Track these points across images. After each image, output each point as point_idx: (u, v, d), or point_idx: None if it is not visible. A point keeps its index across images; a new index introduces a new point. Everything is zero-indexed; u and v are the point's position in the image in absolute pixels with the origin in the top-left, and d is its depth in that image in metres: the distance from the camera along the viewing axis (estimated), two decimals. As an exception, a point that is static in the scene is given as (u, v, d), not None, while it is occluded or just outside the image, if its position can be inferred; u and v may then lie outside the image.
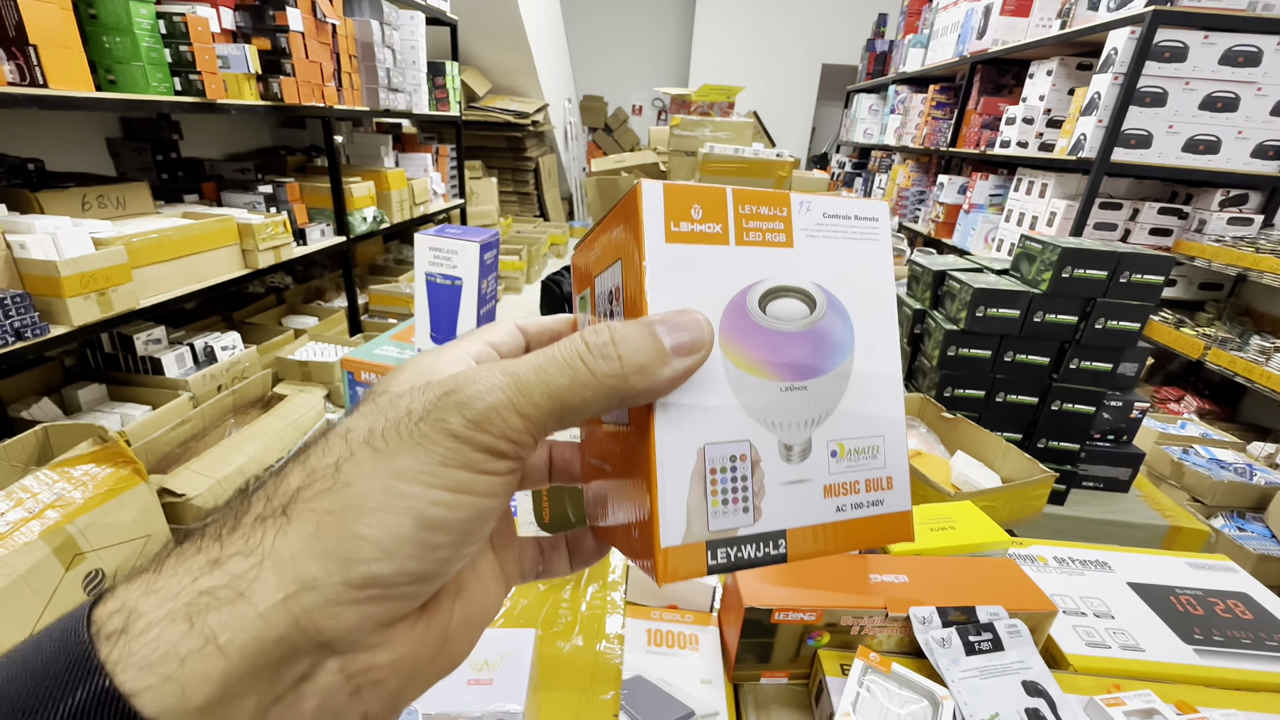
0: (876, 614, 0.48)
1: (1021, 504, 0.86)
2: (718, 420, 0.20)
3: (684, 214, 0.21)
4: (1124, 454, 1.26)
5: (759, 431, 0.21)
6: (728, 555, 0.20)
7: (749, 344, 0.21)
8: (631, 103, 7.22)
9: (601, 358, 0.18)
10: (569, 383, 0.18)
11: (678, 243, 0.21)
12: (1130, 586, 0.59)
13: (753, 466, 0.21)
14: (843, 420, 0.22)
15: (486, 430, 0.17)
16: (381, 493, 0.16)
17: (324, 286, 2.83)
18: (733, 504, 0.21)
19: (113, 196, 1.70)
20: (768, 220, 0.22)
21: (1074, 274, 1.08)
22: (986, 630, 0.47)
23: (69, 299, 1.36)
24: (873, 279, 0.23)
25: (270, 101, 1.94)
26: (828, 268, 0.23)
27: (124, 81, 1.53)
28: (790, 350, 0.22)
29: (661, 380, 0.19)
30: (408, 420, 0.17)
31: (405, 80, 2.77)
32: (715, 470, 0.20)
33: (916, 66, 3.99)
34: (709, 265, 0.21)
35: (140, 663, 0.14)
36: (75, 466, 1.32)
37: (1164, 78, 2.12)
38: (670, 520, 0.20)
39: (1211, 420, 2.29)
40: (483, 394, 0.17)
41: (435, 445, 0.16)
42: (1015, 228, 2.80)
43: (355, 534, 0.16)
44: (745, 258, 0.22)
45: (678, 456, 0.20)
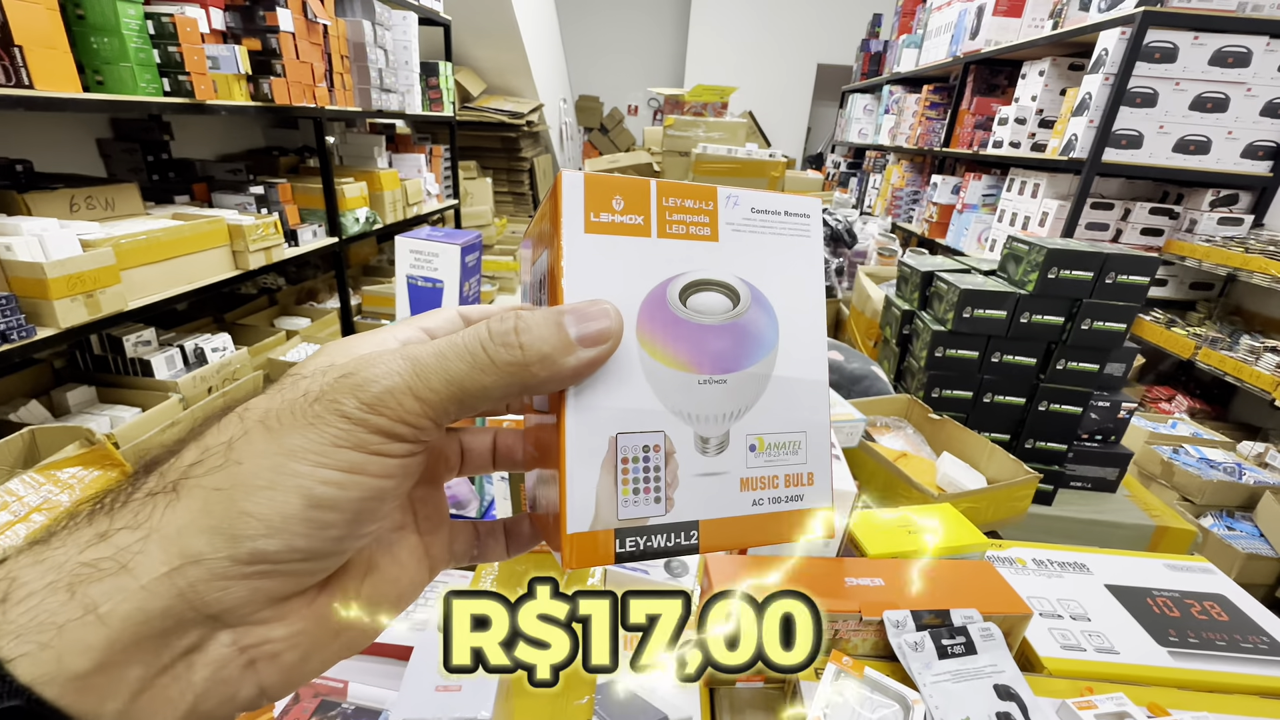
0: (851, 617, 0.48)
1: (1006, 505, 0.86)
2: (631, 410, 0.20)
3: (604, 205, 0.21)
4: (1111, 454, 1.26)
5: (674, 423, 0.21)
6: (637, 544, 0.20)
7: (667, 336, 0.21)
8: (627, 103, 7.22)
9: (503, 345, 0.18)
10: (468, 369, 0.18)
11: (597, 233, 0.21)
12: (1108, 589, 0.59)
13: (666, 457, 0.21)
14: (763, 415, 0.22)
15: (381, 413, 0.17)
16: (271, 470, 0.16)
17: (317, 287, 2.82)
18: (644, 493, 0.21)
19: (102, 198, 1.69)
20: (692, 214, 0.22)
21: (1060, 275, 1.08)
22: (960, 634, 0.47)
23: (56, 301, 1.36)
24: (801, 276, 0.23)
25: (261, 102, 1.94)
26: (753, 263, 0.22)
27: (112, 82, 1.52)
28: (709, 343, 0.21)
29: (565, 370, 0.19)
30: (303, 400, 0.17)
31: (398, 81, 2.76)
32: (627, 460, 0.20)
33: (911, 67, 3.99)
34: (629, 256, 0.21)
35: (17, 630, 0.14)
36: (62, 469, 1.31)
37: (1154, 78, 2.13)
38: (578, 506, 0.20)
39: (1202, 420, 2.30)
40: (379, 377, 0.17)
41: (328, 426, 0.16)
42: (1008, 228, 2.80)
43: (242, 510, 0.16)
44: (667, 250, 0.21)
45: (588, 444, 0.20)
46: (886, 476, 0.88)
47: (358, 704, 0.58)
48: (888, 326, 1.38)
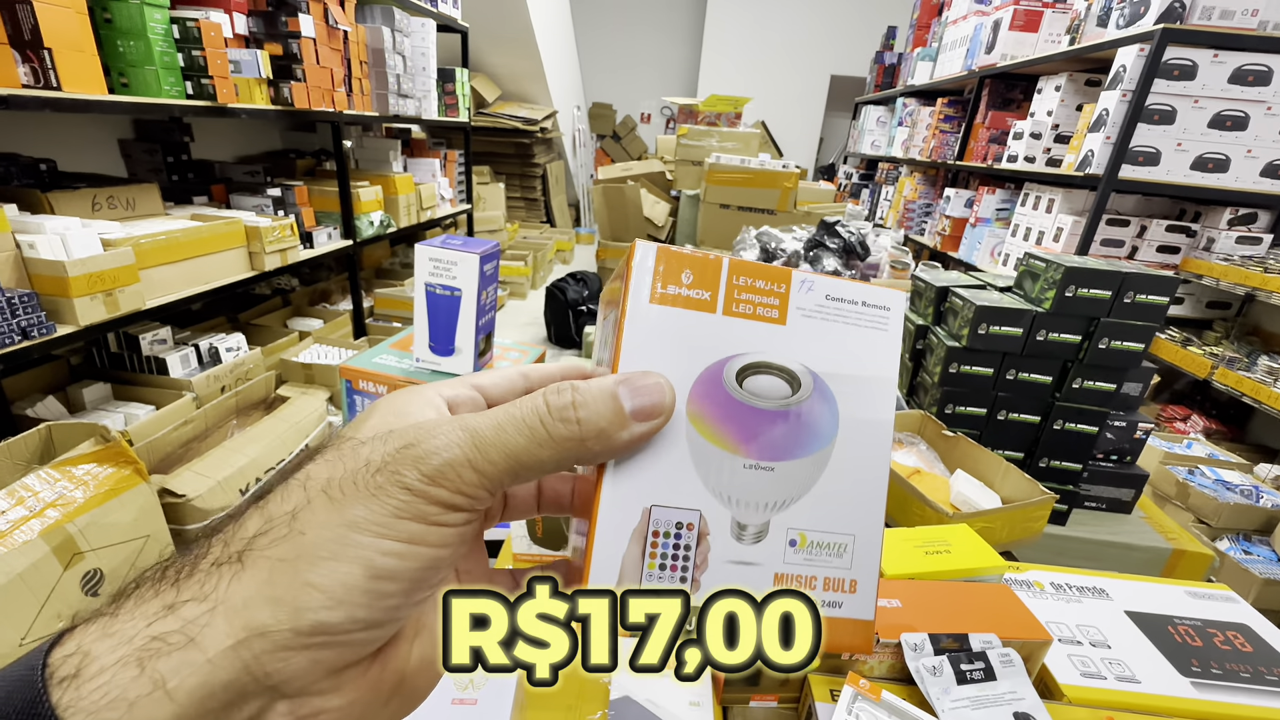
0: (868, 639, 0.48)
1: (1021, 525, 0.85)
2: (669, 484, 0.20)
3: (674, 277, 0.21)
4: (1127, 475, 1.25)
5: (712, 504, 0.20)
6: None
7: (718, 415, 0.21)
8: (640, 111, 7.26)
9: (560, 420, 0.18)
10: (526, 443, 0.18)
11: (663, 304, 0.21)
12: (1128, 615, 0.58)
13: (699, 537, 0.20)
14: (809, 511, 0.21)
15: (441, 485, 0.17)
16: (334, 542, 0.16)
17: (330, 289, 2.84)
18: (670, 570, 0.20)
19: (123, 197, 1.71)
20: (762, 294, 0.22)
21: (1077, 293, 1.07)
22: (979, 659, 0.46)
23: (76, 299, 1.38)
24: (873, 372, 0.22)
25: (280, 106, 1.96)
26: (822, 352, 0.22)
27: (136, 85, 1.55)
28: (761, 427, 0.21)
29: (618, 444, 0.19)
30: (365, 471, 0.17)
31: (415, 86, 2.79)
32: (658, 534, 0.20)
33: (925, 79, 3.99)
34: (691, 331, 0.21)
35: (89, 707, 0.14)
36: (77, 465, 1.32)
37: (1173, 95, 2.11)
38: (601, 571, 0.20)
39: (1218, 440, 2.27)
40: (440, 450, 0.17)
41: (390, 497, 0.17)
42: (1022, 242, 2.79)
43: (306, 582, 0.16)
44: (731, 328, 0.21)
45: (621, 511, 0.20)
46: (900, 494, 0.87)
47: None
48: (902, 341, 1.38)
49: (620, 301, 0.21)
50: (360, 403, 0.75)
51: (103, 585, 1.28)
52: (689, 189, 3.03)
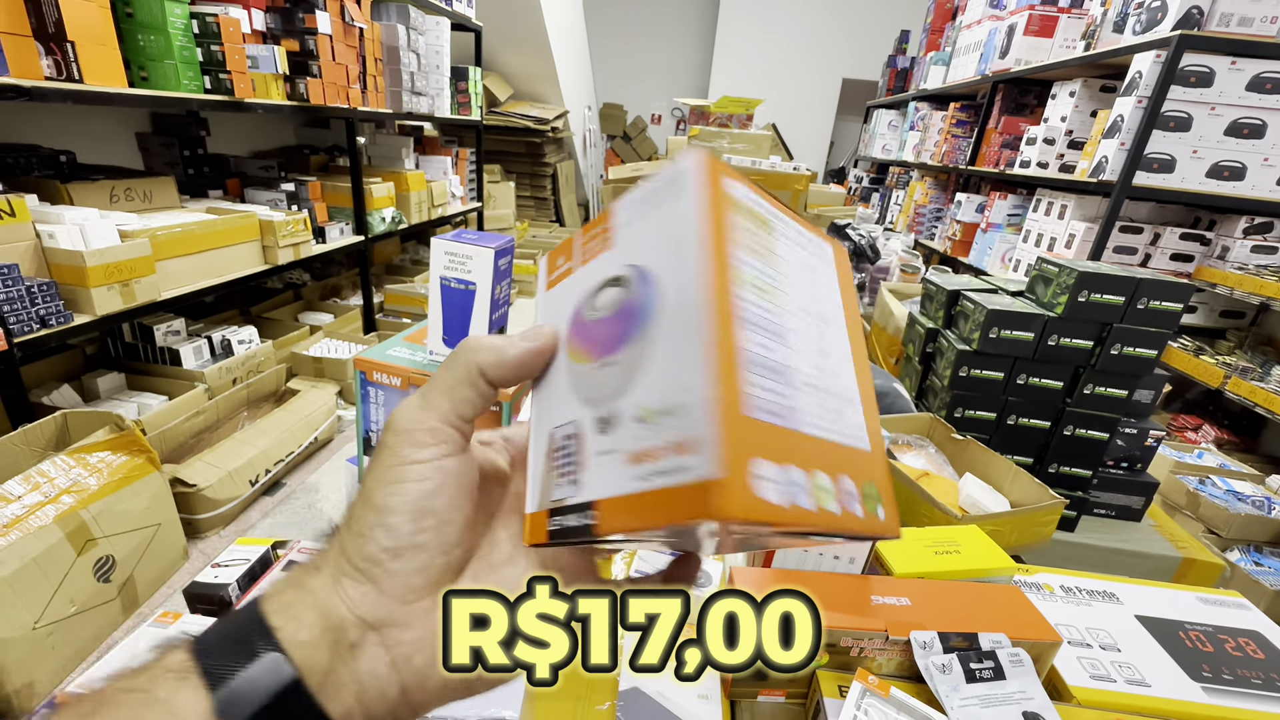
0: (877, 636, 0.48)
1: (1030, 530, 0.85)
2: (558, 407, 0.24)
3: (554, 265, 0.28)
4: (1137, 482, 1.24)
5: (581, 410, 0.23)
6: (559, 523, 0.22)
7: (579, 337, 0.24)
8: (651, 112, 7.27)
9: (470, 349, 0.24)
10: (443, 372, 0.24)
11: (551, 287, 0.28)
12: (1138, 619, 0.58)
13: (580, 442, 0.23)
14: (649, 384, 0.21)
15: (399, 431, 0.23)
16: (363, 503, 0.23)
17: (341, 284, 2.86)
18: (564, 476, 0.23)
19: (140, 190, 1.73)
20: (597, 237, 0.26)
21: (1090, 298, 1.07)
22: (988, 658, 0.46)
23: (93, 289, 1.39)
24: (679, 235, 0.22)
25: (296, 101, 1.98)
26: (637, 246, 0.24)
27: (156, 79, 1.57)
28: (601, 331, 0.23)
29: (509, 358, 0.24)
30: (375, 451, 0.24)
31: (428, 84, 2.81)
32: (557, 449, 0.24)
33: (938, 84, 3.98)
34: (567, 293, 0.26)
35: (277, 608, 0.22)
36: (92, 453, 1.34)
37: (1189, 102, 2.10)
38: (532, 490, 0.24)
39: (1230, 451, 2.25)
40: (402, 410, 0.23)
41: (378, 461, 0.23)
42: (1033, 248, 2.77)
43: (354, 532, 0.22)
44: (586, 274, 0.25)
45: (539, 439, 0.25)
46: (908, 495, 0.87)
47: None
48: (911, 344, 1.37)
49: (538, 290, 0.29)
50: (374, 394, 0.76)
51: (114, 572, 1.29)
52: (699, 190, 3.02)
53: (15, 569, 1.11)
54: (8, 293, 1.24)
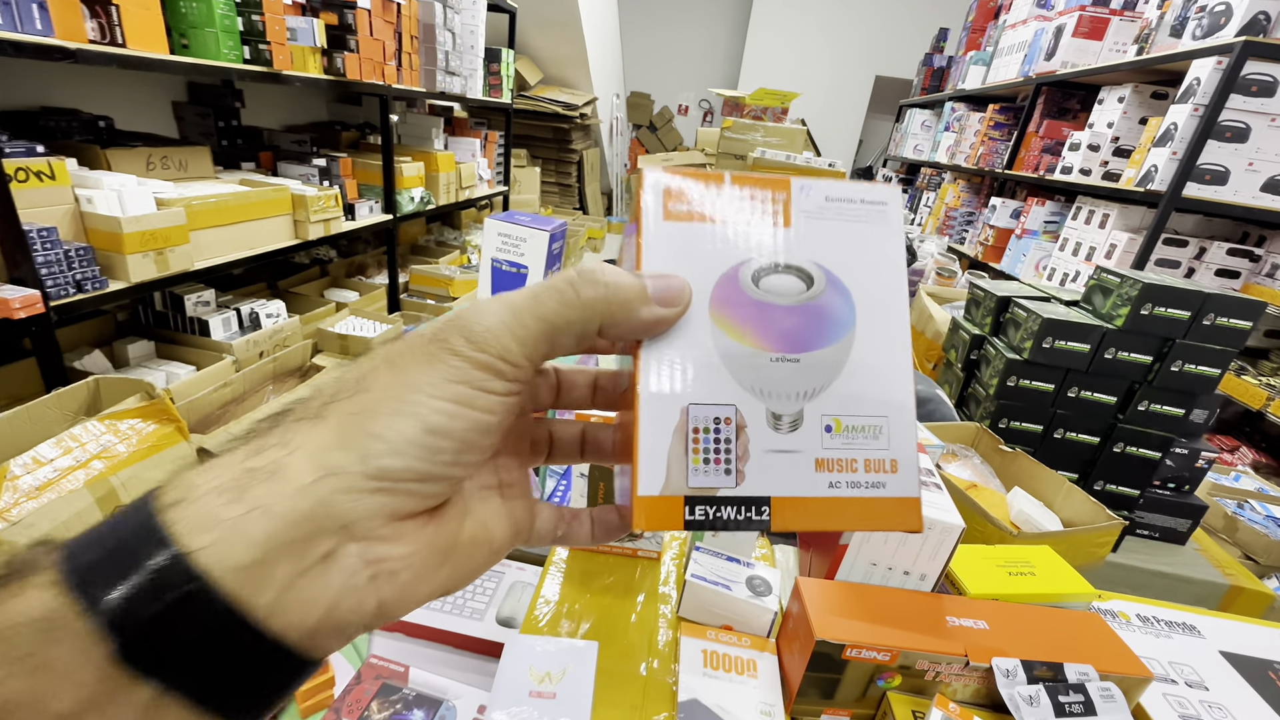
0: (956, 661, 0.45)
1: (1085, 550, 0.81)
2: (703, 382, 0.21)
3: (680, 196, 0.23)
4: (1185, 504, 1.20)
5: (745, 398, 0.22)
6: (706, 513, 0.21)
7: (739, 314, 0.22)
8: (678, 103, 7.19)
9: (588, 283, 0.20)
10: (557, 305, 0.20)
11: (675, 220, 0.22)
12: (1223, 656, 0.54)
13: (737, 430, 0.21)
14: (840, 398, 0.22)
15: (484, 350, 0.19)
16: (394, 400, 0.18)
17: (366, 263, 2.86)
18: (714, 464, 0.21)
19: (176, 158, 1.73)
20: (765, 202, 0.23)
21: (1153, 312, 1.03)
22: (1077, 691, 0.43)
23: (129, 256, 1.39)
24: (879, 262, 0.23)
25: (333, 76, 1.96)
26: (829, 248, 0.23)
27: (196, 46, 1.55)
28: (782, 323, 0.22)
29: (638, 319, 0.21)
30: (420, 340, 0.19)
31: (462, 64, 2.78)
32: (698, 430, 0.21)
33: (977, 84, 3.88)
34: (703, 242, 0.22)
35: (194, 526, 0.16)
36: (122, 420, 1.34)
37: (1248, 112, 2.02)
38: (649, 470, 0.21)
39: (1267, 474, 2.18)
40: (482, 316, 0.19)
41: (440, 363, 0.19)
42: (1071, 257, 2.70)
43: (371, 432, 0.18)
44: (743, 234, 0.23)
45: (661, 412, 0.21)
46: (959, 506, 0.84)
47: (419, 690, 0.57)
48: (953, 350, 1.34)
49: (636, 225, 0.22)
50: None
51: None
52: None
53: (46, 531, 1.11)
54: (46, 255, 1.23)
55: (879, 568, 0.52)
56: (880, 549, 0.51)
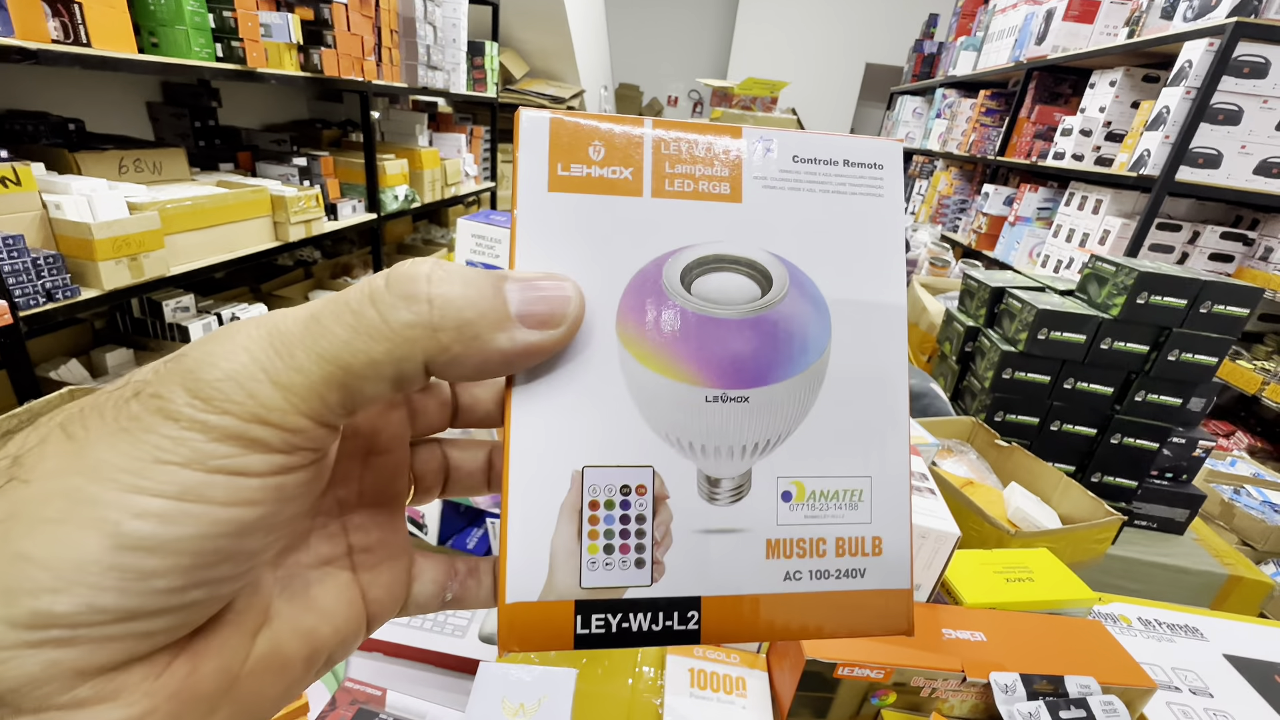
0: (953, 677, 0.43)
1: (1084, 547, 0.79)
2: (605, 436, 0.15)
3: (578, 154, 0.15)
4: (1182, 494, 1.18)
5: (668, 455, 0.15)
6: (606, 624, 0.15)
7: (661, 332, 0.15)
8: (667, 94, 7.13)
9: (402, 297, 0.13)
10: (349, 334, 0.13)
11: (566, 191, 0.15)
12: (1227, 659, 0.53)
13: (655, 503, 0.15)
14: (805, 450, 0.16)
15: (224, 410, 0.12)
16: (63, 496, 0.11)
17: (352, 263, 2.82)
18: (620, 553, 0.15)
19: (150, 161, 1.68)
20: (704, 164, 0.16)
21: (1149, 300, 1.01)
22: (1079, 706, 0.41)
23: (101, 262, 1.35)
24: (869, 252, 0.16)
25: (310, 73, 1.92)
26: (795, 233, 0.16)
27: (166, 45, 1.51)
28: (724, 345, 0.16)
29: (492, 351, 0.14)
30: (120, 395, 0.12)
31: (444, 58, 2.73)
32: (597, 504, 0.15)
33: (968, 70, 3.85)
34: (609, 222, 0.15)
35: None
36: (98, 431, 1.31)
37: (1241, 94, 2.00)
38: (523, 567, 0.14)
39: (1263, 459, 2.18)
40: (218, 357, 0.12)
41: (146, 432, 0.12)
42: (1064, 244, 2.69)
43: (19, 553, 0.11)
44: (666, 214, 0.16)
45: (541, 480, 0.15)
46: (954, 506, 0.82)
47: (397, 714, 0.55)
48: (947, 342, 1.31)
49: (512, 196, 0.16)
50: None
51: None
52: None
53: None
54: (14, 264, 1.19)
55: (871, 578, 0.50)
56: (872, 559, 0.49)
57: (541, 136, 0.15)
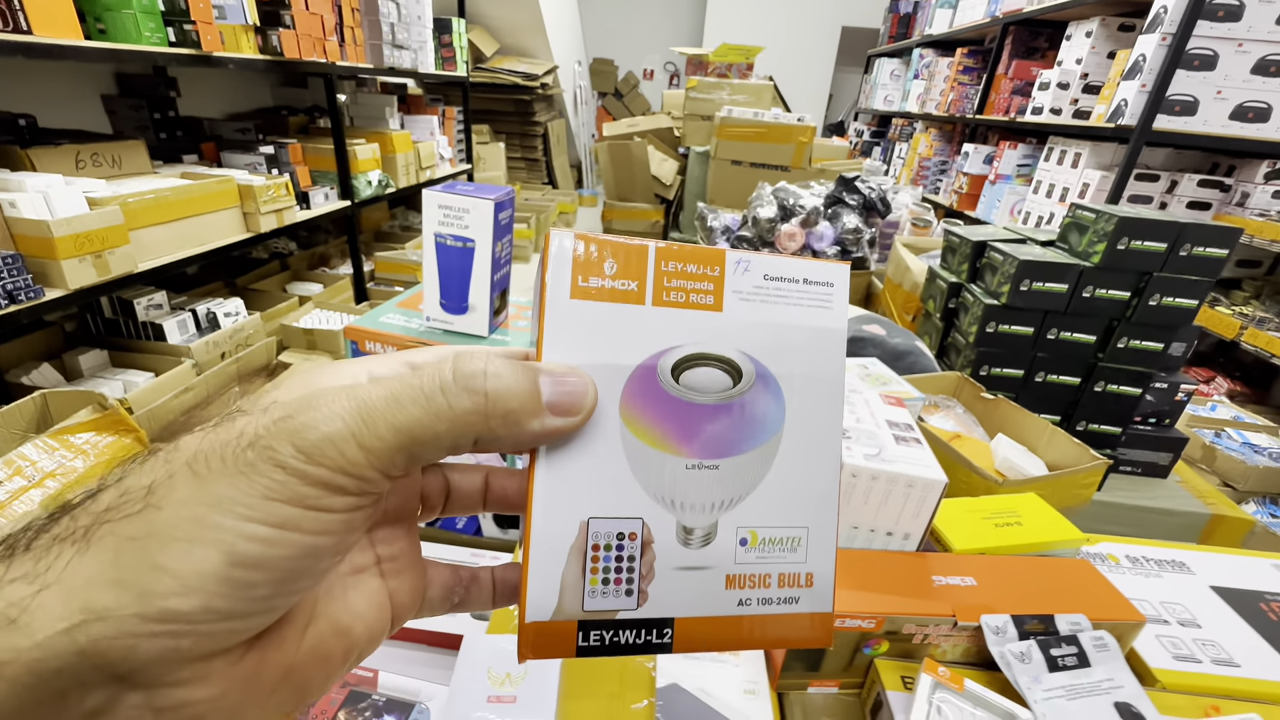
0: (944, 622, 0.43)
1: (1071, 492, 0.80)
2: (607, 494, 0.19)
3: (595, 269, 0.20)
4: (1166, 438, 1.20)
5: (655, 510, 0.20)
6: (602, 638, 0.19)
7: (655, 415, 0.20)
8: (643, 67, 7.00)
9: (465, 389, 0.17)
10: (421, 414, 0.16)
11: (585, 299, 0.20)
12: (1215, 591, 0.53)
13: (643, 547, 0.20)
14: (759, 506, 0.20)
15: (320, 463, 0.15)
16: (192, 522, 0.15)
17: (328, 253, 2.76)
18: (614, 585, 0.19)
19: (108, 155, 1.63)
20: (694, 279, 0.21)
21: (1130, 246, 1.00)
22: (1069, 643, 0.42)
23: (63, 261, 1.31)
24: (818, 353, 0.21)
25: (270, 56, 1.85)
26: (762, 337, 0.21)
27: (115, 31, 1.45)
28: (702, 424, 0.20)
29: (526, 434, 0.18)
30: (236, 444, 0.15)
31: (410, 37, 2.65)
32: (599, 547, 0.19)
33: (944, 28, 3.81)
34: (618, 326, 0.20)
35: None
36: (75, 434, 1.28)
37: (1216, 39, 1.99)
38: (539, 594, 0.19)
39: (1242, 402, 2.22)
40: (319, 422, 0.16)
41: (260, 475, 0.15)
42: (1045, 199, 2.69)
43: (155, 564, 0.14)
44: (662, 319, 0.20)
45: (557, 527, 0.19)
46: (942, 459, 0.82)
47: (389, 695, 0.54)
48: (931, 300, 1.31)
49: (540, 301, 0.20)
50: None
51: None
52: (698, 145, 2.91)
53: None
54: (-31, 267, 1.15)
55: (860, 530, 0.50)
56: (860, 510, 0.49)
57: (567, 254, 0.20)
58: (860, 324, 1.16)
